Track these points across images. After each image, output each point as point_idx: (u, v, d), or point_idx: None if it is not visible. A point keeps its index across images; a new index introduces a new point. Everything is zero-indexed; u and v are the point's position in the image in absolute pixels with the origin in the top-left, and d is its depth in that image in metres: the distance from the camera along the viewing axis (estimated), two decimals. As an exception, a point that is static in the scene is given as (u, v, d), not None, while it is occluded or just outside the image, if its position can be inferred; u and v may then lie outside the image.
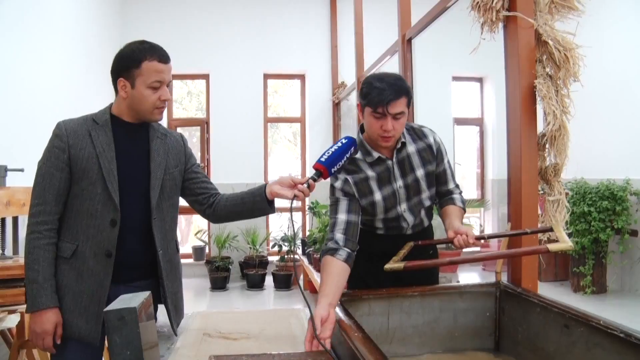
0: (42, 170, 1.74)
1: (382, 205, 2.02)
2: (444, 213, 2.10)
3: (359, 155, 2.04)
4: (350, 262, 1.83)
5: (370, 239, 2.09)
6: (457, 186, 2.18)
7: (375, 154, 2.01)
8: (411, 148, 2.05)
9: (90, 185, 1.73)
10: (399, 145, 2.02)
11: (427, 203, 2.11)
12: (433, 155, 2.07)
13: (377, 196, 2.01)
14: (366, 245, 2.04)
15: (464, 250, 6.87)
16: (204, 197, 1.95)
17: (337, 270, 1.77)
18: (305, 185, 1.68)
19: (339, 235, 1.88)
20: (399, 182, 2.03)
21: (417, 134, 2.10)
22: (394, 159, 2.03)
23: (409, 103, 1.92)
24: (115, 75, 1.76)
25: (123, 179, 1.76)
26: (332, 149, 1.70)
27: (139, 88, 1.73)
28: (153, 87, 1.73)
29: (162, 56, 1.75)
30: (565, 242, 1.74)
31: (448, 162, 2.14)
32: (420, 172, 2.05)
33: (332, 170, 1.68)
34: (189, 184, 1.95)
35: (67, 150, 1.72)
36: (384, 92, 1.84)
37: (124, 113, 1.81)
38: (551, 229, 1.98)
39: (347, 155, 1.72)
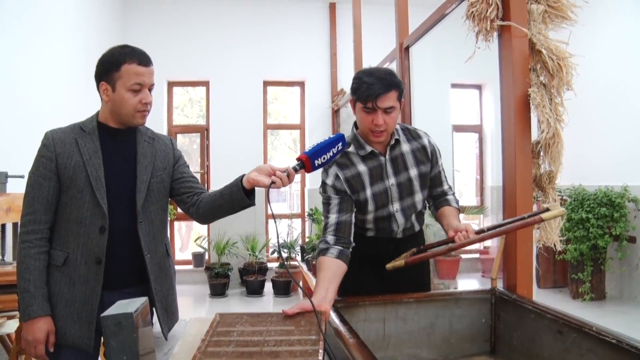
0: (31, 180, 1.75)
1: (372, 201, 2.02)
2: (441, 215, 2.11)
3: (351, 148, 2.04)
4: (344, 257, 1.86)
5: (361, 242, 2.08)
6: (450, 187, 2.20)
7: (369, 148, 2.02)
8: (406, 147, 2.07)
9: (79, 193, 1.74)
10: (392, 142, 2.03)
11: (419, 207, 2.11)
12: (427, 156, 2.09)
13: (368, 192, 2.01)
14: (356, 248, 2.05)
15: (457, 251, 6.80)
16: (187, 196, 1.94)
17: (329, 266, 1.81)
18: (285, 173, 1.60)
19: (330, 237, 1.91)
20: (392, 180, 2.04)
21: (412, 134, 2.12)
22: (387, 156, 2.04)
23: (400, 97, 1.93)
24: (98, 80, 1.78)
25: (110, 185, 1.77)
26: (318, 142, 1.63)
27: (119, 91, 1.74)
28: (133, 90, 1.74)
29: (142, 59, 1.76)
30: (557, 209, 1.74)
31: (442, 164, 2.16)
32: (413, 172, 2.06)
33: (316, 162, 1.59)
34: (174, 184, 1.95)
35: (54, 159, 1.74)
36: (373, 87, 1.85)
37: (109, 118, 1.82)
38: (548, 210, 1.95)
39: (334, 150, 1.63)
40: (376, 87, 1.85)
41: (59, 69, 4.66)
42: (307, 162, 1.57)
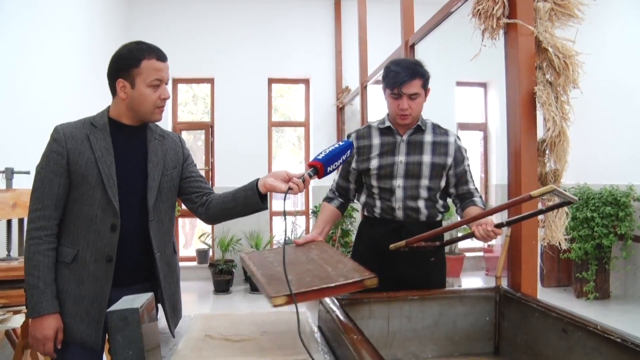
0: (40, 175, 1.72)
1: (376, 170, 2.21)
2: (466, 214, 2.17)
3: (375, 123, 2.31)
4: (342, 208, 2.36)
5: (369, 227, 2.32)
6: (476, 189, 2.29)
7: (387, 123, 2.24)
8: (428, 137, 2.24)
9: (90, 190, 1.72)
10: (414, 125, 2.22)
11: (424, 194, 2.19)
12: (447, 151, 2.23)
13: (374, 163, 2.21)
14: (364, 233, 2.35)
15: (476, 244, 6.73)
16: (196, 195, 1.93)
17: (329, 211, 2.31)
18: (300, 179, 1.65)
19: (336, 193, 2.37)
20: (402, 158, 2.20)
21: (440, 130, 2.30)
22: (405, 137, 2.22)
23: (425, 85, 2.16)
24: (114, 77, 1.75)
25: (121, 183, 1.75)
26: (329, 149, 1.69)
27: (139, 87, 1.72)
28: (153, 86, 1.73)
29: (160, 54, 1.76)
30: (547, 186, 1.75)
31: (469, 165, 2.29)
32: (426, 158, 2.19)
33: (328, 169, 1.66)
34: (183, 182, 1.94)
35: (65, 155, 1.71)
36: (399, 75, 2.09)
37: (123, 115, 1.80)
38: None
39: (344, 157, 1.72)
40: (402, 75, 2.09)
41: (63, 66, 4.67)
42: (321, 169, 1.64)
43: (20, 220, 3.28)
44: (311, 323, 2.00)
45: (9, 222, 3.12)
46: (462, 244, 7.37)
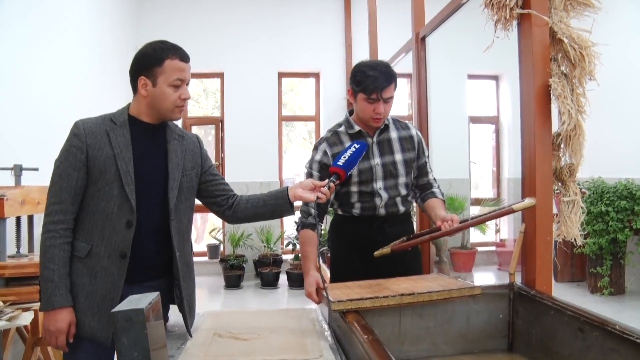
0: (59, 169, 1.73)
1: (357, 176, 2.20)
2: (428, 206, 2.26)
3: (342, 128, 2.28)
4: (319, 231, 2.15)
5: (347, 225, 2.30)
6: (434, 179, 2.37)
7: (357, 128, 2.23)
8: (394, 134, 2.28)
9: (107, 186, 1.72)
10: (382, 126, 2.24)
11: (403, 191, 2.27)
12: (413, 145, 2.29)
13: (354, 169, 2.14)
14: (343, 233, 2.33)
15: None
16: (222, 198, 1.96)
17: (315, 241, 2.13)
18: (326, 187, 1.78)
19: (313, 211, 2.16)
20: (377, 160, 2.23)
21: (401, 125, 2.33)
22: (375, 138, 2.24)
23: (396, 87, 2.17)
24: (136, 74, 1.76)
25: (140, 181, 1.76)
26: (348, 154, 1.84)
27: (160, 86, 1.74)
28: (174, 86, 1.75)
29: (184, 55, 1.78)
30: (529, 201, 1.90)
31: (428, 156, 2.38)
32: (399, 157, 2.25)
33: (349, 173, 1.84)
34: (206, 186, 1.95)
35: (85, 150, 1.71)
36: (378, 80, 2.08)
37: (143, 113, 1.80)
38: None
39: (359, 159, 1.88)
40: (381, 80, 2.07)
41: (72, 62, 4.67)
42: (343, 175, 1.81)
43: (30, 217, 3.29)
44: (322, 321, 1.97)
45: (18, 219, 3.12)
46: (474, 239, 7.33)
